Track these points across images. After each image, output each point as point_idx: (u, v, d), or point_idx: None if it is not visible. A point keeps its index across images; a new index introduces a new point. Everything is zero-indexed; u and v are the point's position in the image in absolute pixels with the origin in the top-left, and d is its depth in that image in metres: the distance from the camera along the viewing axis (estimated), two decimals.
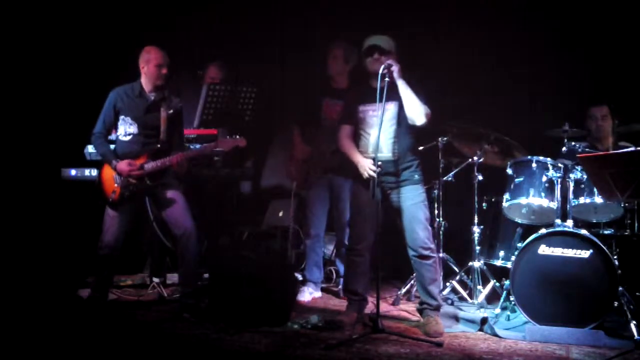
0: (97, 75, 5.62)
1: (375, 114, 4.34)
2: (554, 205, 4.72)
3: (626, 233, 4.87)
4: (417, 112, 4.33)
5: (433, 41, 5.71)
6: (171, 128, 4.71)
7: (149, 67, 4.62)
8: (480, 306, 4.96)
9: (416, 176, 4.49)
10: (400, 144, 4.43)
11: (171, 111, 4.69)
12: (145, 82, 4.68)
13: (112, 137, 4.83)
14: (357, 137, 4.54)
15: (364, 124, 4.50)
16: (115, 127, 4.75)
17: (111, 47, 5.79)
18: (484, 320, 4.50)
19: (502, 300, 4.78)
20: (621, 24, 5.62)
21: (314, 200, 5.38)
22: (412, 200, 4.44)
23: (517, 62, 5.87)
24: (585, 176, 4.62)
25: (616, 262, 4.51)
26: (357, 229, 4.56)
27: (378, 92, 4.23)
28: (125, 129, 4.68)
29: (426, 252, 4.44)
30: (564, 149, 4.80)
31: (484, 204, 5.27)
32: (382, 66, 4.26)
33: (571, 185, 4.67)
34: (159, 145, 4.65)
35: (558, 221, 4.65)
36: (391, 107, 4.41)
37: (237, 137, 4.76)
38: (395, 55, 4.39)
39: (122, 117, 4.67)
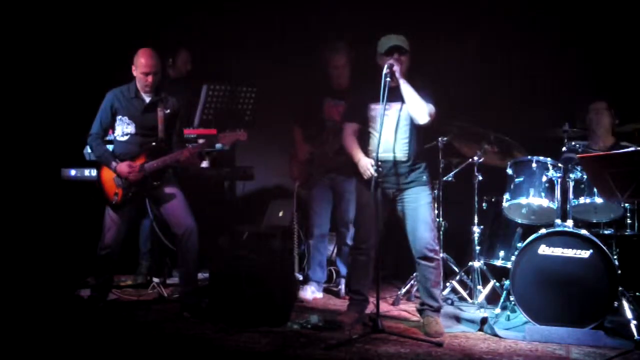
0: (97, 75, 5.62)
1: (387, 114, 4.34)
2: (554, 205, 4.72)
3: (626, 233, 4.87)
4: (419, 110, 4.33)
5: (432, 41, 5.70)
6: (169, 128, 4.71)
7: (137, 72, 4.61)
8: (480, 306, 4.96)
9: (424, 177, 4.49)
10: (410, 144, 4.43)
11: (168, 111, 4.69)
12: (137, 84, 4.68)
13: (110, 137, 4.83)
14: (366, 136, 4.53)
15: (374, 123, 4.47)
16: (112, 127, 4.74)
17: (111, 46, 5.79)
18: (484, 320, 4.50)
19: (502, 300, 4.78)
20: (621, 23, 5.62)
21: (317, 200, 5.38)
22: (420, 202, 4.44)
23: (517, 62, 5.86)
24: (585, 176, 4.61)
25: (616, 262, 4.51)
26: (363, 228, 4.56)
27: (382, 91, 4.22)
28: (123, 129, 4.67)
29: (430, 254, 4.43)
30: (564, 149, 4.80)
31: (484, 204, 5.27)
32: (385, 66, 4.25)
33: (571, 185, 4.67)
34: (154, 144, 4.64)
35: (558, 221, 4.65)
36: (400, 107, 4.41)
37: (238, 130, 4.75)
38: (409, 54, 4.39)
39: (119, 117, 4.66)
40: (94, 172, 4.88)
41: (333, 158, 5.21)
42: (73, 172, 5.37)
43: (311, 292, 5.30)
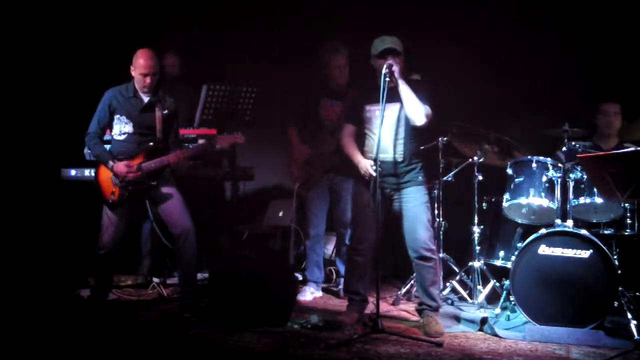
0: (97, 75, 5.61)
1: (384, 114, 4.34)
2: (554, 205, 4.72)
3: (626, 233, 4.87)
4: (416, 112, 4.34)
5: (433, 41, 5.70)
6: (166, 128, 4.71)
7: (135, 73, 4.62)
8: (480, 306, 4.96)
9: (420, 177, 4.50)
10: (406, 145, 4.44)
11: (166, 111, 4.69)
12: (135, 84, 4.68)
13: (107, 137, 4.83)
14: (362, 137, 4.54)
15: (370, 124, 4.48)
16: (110, 127, 4.74)
17: (110, 46, 5.79)
18: (484, 320, 4.50)
19: (502, 300, 4.78)
20: (621, 23, 5.62)
21: (314, 200, 5.38)
22: (415, 202, 4.45)
23: (517, 62, 5.86)
24: (585, 176, 4.61)
25: (616, 262, 4.51)
26: (359, 229, 4.56)
27: (382, 92, 4.22)
28: (121, 128, 4.67)
29: (427, 254, 4.44)
30: (564, 148, 4.80)
31: (484, 204, 5.27)
32: (384, 67, 4.25)
33: (571, 185, 4.67)
34: (151, 144, 4.64)
35: (558, 221, 4.65)
36: (398, 108, 4.41)
37: (236, 133, 4.76)
38: (403, 56, 4.40)
39: (117, 116, 4.67)
40: (93, 172, 4.89)
41: (331, 158, 5.21)
42: (73, 172, 5.37)
43: (310, 293, 5.30)
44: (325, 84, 5.30)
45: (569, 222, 4.59)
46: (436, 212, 5.30)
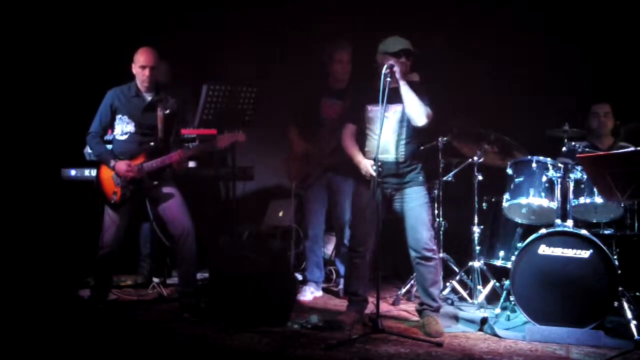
0: (97, 75, 5.62)
1: (386, 115, 4.34)
2: (554, 205, 4.72)
3: (626, 233, 4.87)
4: (417, 112, 4.33)
5: (433, 41, 5.70)
6: (168, 127, 4.71)
7: (135, 68, 4.63)
8: (480, 306, 4.96)
9: (420, 177, 4.50)
10: (408, 145, 4.44)
11: (167, 111, 4.70)
12: (137, 81, 4.68)
13: (109, 137, 4.83)
14: (364, 137, 4.53)
15: (372, 124, 4.47)
16: (111, 126, 4.74)
17: (111, 46, 5.79)
18: (484, 320, 4.50)
19: (502, 300, 4.78)
20: (621, 22, 5.63)
21: (313, 200, 5.38)
22: (417, 202, 4.45)
23: (517, 62, 5.86)
24: (585, 176, 4.62)
25: (616, 262, 4.51)
26: (359, 230, 4.55)
27: (381, 92, 4.21)
28: (122, 128, 4.68)
29: (428, 254, 4.44)
30: (564, 149, 4.80)
31: (484, 204, 5.27)
32: (385, 67, 4.25)
33: (571, 185, 4.67)
34: (152, 144, 4.64)
35: (558, 221, 4.65)
36: (400, 109, 4.41)
37: (237, 132, 4.76)
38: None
39: (119, 116, 4.67)
40: (94, 172, 4.88)
41: (329, 156, 5.20)
42: (73, 172, 5.38)
43: (310, 293, 5.30)
44: (327, 83, 5.30)
45: (569, 222, 4.59)
46: (436, 212, 5.30)
